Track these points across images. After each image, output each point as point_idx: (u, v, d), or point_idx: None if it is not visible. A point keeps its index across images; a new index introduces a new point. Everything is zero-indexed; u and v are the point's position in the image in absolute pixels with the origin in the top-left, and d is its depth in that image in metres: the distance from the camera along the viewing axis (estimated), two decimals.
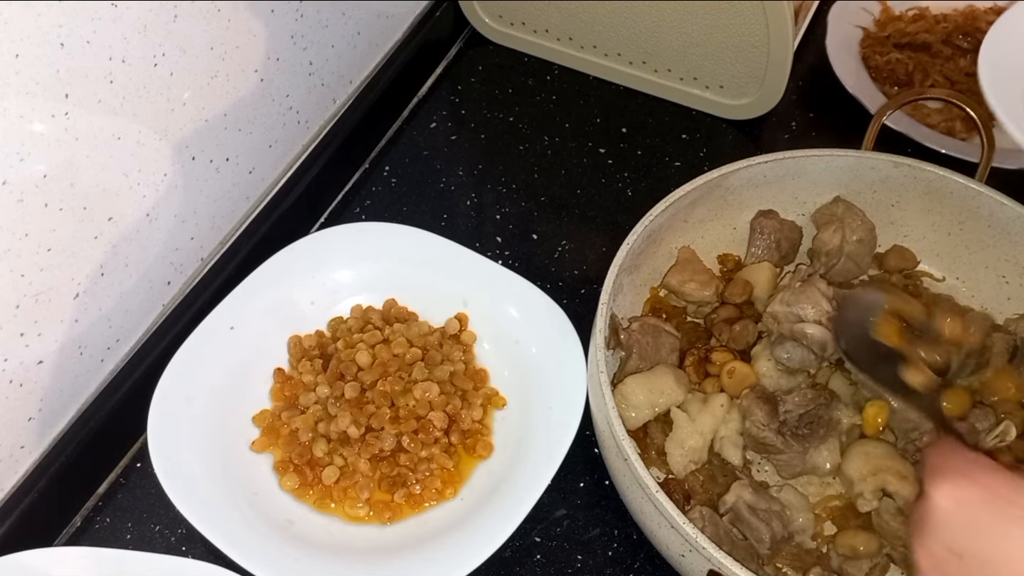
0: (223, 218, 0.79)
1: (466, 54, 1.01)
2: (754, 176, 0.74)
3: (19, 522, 0.65)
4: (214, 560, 0.62)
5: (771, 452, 0.66)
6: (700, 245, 0.77)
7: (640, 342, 0.69)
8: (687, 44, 0.88)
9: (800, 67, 0.92)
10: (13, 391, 0.64)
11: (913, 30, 0.98)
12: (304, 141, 0.87)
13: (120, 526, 0.69)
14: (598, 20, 0.91)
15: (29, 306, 0.62)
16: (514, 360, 0.73)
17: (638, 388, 0.67)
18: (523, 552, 0.67)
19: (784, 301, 0.69)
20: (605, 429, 0.62)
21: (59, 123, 0.59)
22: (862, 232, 0.75)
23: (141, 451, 0.72)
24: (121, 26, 0.61)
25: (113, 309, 0.70)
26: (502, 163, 0.91)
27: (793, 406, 0.66)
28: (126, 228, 0.68)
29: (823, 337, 0.68)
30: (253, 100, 0.77)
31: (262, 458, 0.69)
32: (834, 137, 0.92)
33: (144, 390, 0.67)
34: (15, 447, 0.66)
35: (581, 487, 0.70)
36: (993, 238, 0.74)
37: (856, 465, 0.64)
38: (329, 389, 0.71)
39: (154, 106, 0.66)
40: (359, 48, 0.89)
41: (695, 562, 0.57)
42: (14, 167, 0.56)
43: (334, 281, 0.77)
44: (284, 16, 0.76)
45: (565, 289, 0.80)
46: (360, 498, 0.67)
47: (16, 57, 0.54)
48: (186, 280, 0.77)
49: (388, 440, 0.68)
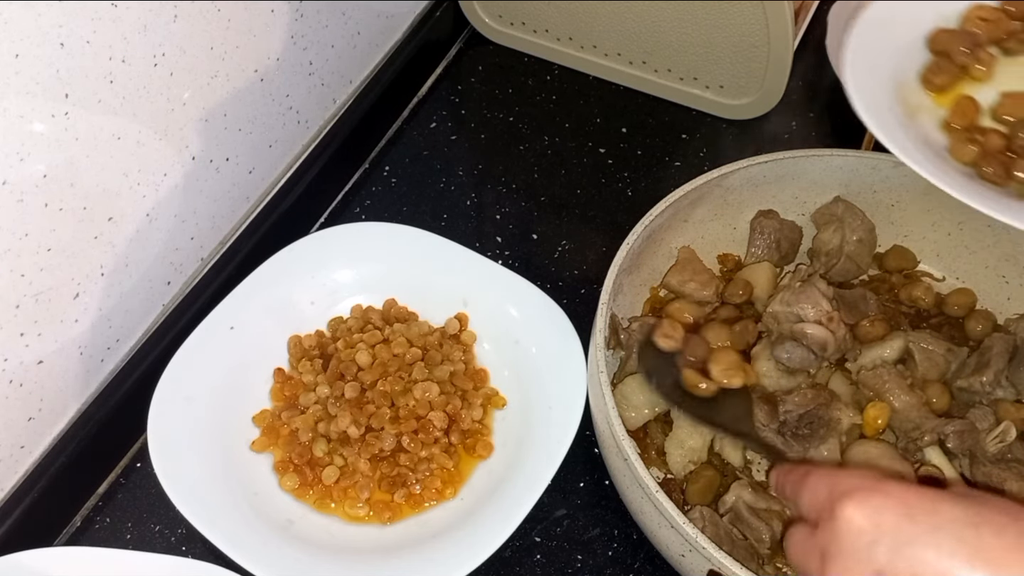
0: (223, 218, 0.79)
1: (466, 54, 1.01)
2: (754, 176, 0.74)
3: (19, 522, 0.65)
4: (214, 560, 0.62)
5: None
6: (700, 245, 0.77)
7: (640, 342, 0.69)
8: (687, 44, 0.88)
9: (800, 67, 0.92)
10: (13, 391, 0.64)
11: None
12: (304, 141, 0.87)
13: (120, 526, 0.69)
14: (598, 20, 0.91)
15: (29, 306, 0.62)
16: (514, 360, 0.73)
17: (638, 388, 0.67)
18: (523, 552, 0.67)
19: (784, 301, 0.69)
20: (605, 429, 0.62)
21: (59, 123, 0.59)
22: (862, 232, 0.75)
23: (141, 451, 0.72)
24: (121, 26, 0.61)
25: (113, 309, 0.70)
26: (502, 163, 0.91)
27: (793, 406, 0.66)
28: (126, 228, 0.68)
29: (823, 337, 0.68)
30: (253, 100, 0.77)
31: (262, 458, 0.69)
32: (834, 137, 0.93)
33: (144, 390, 0.67)
34: (15, 447, 0.66)
35: (581, 487, 0.70)
36: (993, 238, 0.74)
37: (856, 465, 0.64)
38: (329, 389, 0.71)
39: (154, 106, 0.66)
40: (359, 48, 0.89)
41: (695, 562, 0.57)
42: (14, 167, 0.56)
43: (334, 281, 0.77)
44: (284, 16, 0.76)
45: (565, 289, 0.80)
46: (360, 498, 0.67)
47: (16, 57, 0.54)
48: (186, 280, 0.77)
49: (388, 440, 0.68)
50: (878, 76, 0.57)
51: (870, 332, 0.70)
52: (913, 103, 0.57)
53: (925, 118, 0.57)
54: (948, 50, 0.59)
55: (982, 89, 0.56)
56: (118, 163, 0.65)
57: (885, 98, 0.56)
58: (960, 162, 0.55)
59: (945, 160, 0.54)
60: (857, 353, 0.71)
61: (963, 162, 0.56)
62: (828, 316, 0.68)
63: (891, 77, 0.57)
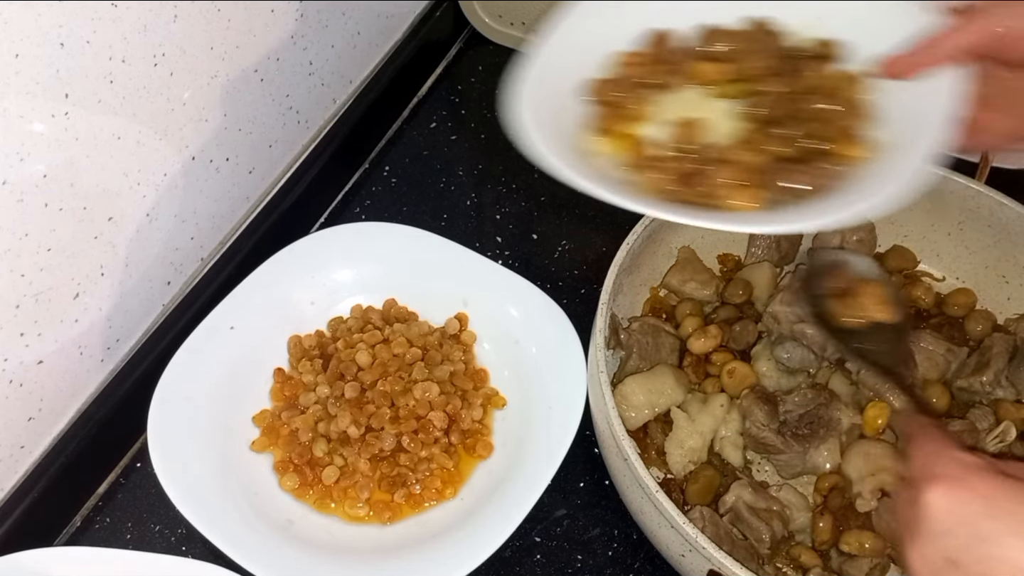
0: (223, 218, 0.79)
1: (466, 54, 1.01)
2: None
3: (19, 522, 0.65)
4: (214, 560, 0.62)
5: (771, 452, 0.66)
6: (700, 245, 0.77)
7: (640, 342, 0.69)
8: None
9: None
10: (13, 391, 0.64)
11: None
12: (304, 141, 0.87)
13: (120, 526, 0.69)
14: None
15: (29, 306, 0.62)
16: (514, 360, 0.73)
17: (638, 388, 0.67)
18: (523, 552, 0.67)
19: (784, 301, 0.69)
20: (605, 429, 0.62)
21: (59, 123, 0.59)
22: (862, 232, 0.75)
23: (141, 451, 0.72)
24: (121, 26, 0.60)
25: (113, 309, 0.70)
26: (502, 163, 0.91)
27: (793, 406, 0.66)
28: (126, 228, 0.68)
29: (823, 337, 0.68)
30: (253, 100, 0.77)
31: (262, 458, 0.69)
32: None
33: (144, 390, 0.67)
34: (15, 447, 0.66)
35: (581, 487, 0.70)
36: (993, 238, 0.74)
37: (856, 465, 0.64)
38: (329, 389, 0.71)
39: (154, 106, 0.66)
40: (359, 48, 0.89)
41: (695, 562, 0.57)
42: (14, 167, 0.56)
43: (334, 281, 0.77)
44: (284, 16, 0.76)
45: (565, 289, 0.80)
46: (360, 498, 0.67)
47: (16, 57, 0.54)
48: (186, 280, 0.77)
49: (388, 440, 0.68)
50: (552, 127, 0.60)
51: None
52: (587, 148, 0.61)
53: (600, 160, 0.60)
54: (607, 96, 0.63)
55: (646, 126, 0.61)
56: (118, 163, 0.65)
57: (563, 146, 0.59)
58: (645, 186, 0.59)
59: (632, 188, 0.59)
60: None
61: (648, 186, 0.59)
62: None
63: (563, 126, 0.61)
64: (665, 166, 0.59)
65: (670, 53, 0.64)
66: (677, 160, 0.59)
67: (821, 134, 0.59)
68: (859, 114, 0.60)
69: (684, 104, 0.62)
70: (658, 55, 0.64)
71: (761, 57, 0.62)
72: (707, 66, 0.62)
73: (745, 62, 0.62)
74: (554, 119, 0.61)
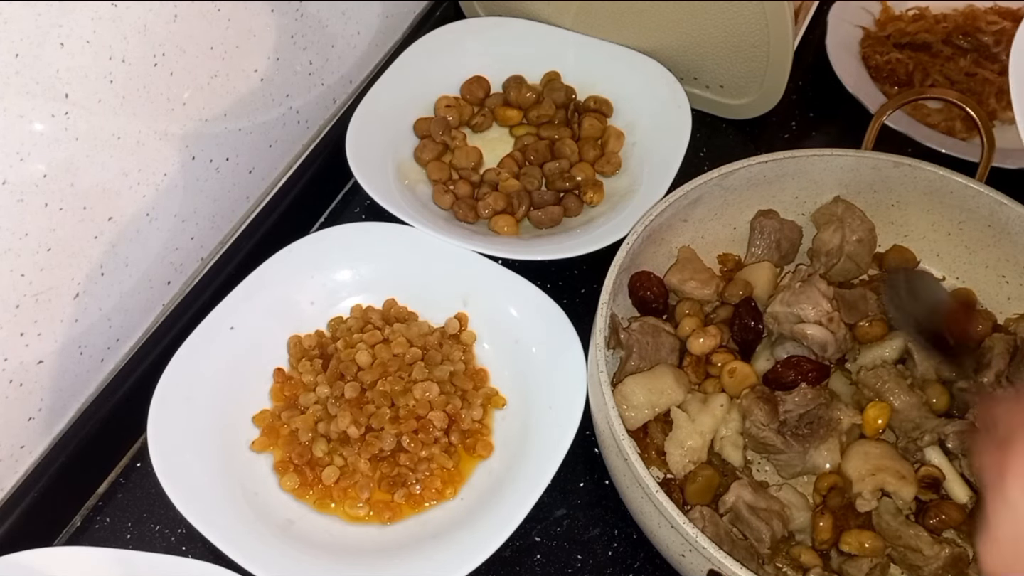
0: (223, 218, 0.79)
1: None
2: (754, 176, 0.74)
3: (19, 522, 0.65)
4: (214, 560, 0.62)
5: (771, 452, 0.66)
6: (700, 245, 0.77)
7: (640, 342, 0.69)
8: (687, 44, 0.88)
9: (800, 67, 0.92)
10: (13, 391, 0.64)
11: (913, 30, 0.98)
12: (304, 141, 0.87)
13: (120, 526, 0.69)
14: (598, 20, 0.91)
15: (29, 306, 0.62)
16: (514, 360, 0.73)
17: (638, 388, 0.67)
18: (523, 552, 0.67)
19: (784, 301, 0.69)
20: (605, 429, 0.62)
21: (59, 123, 0.59)
22: (862, 232, 0.75)
23: (141, 451, 0.72)
24: (121, 26, 0.61)
25: (113, 309, 0.70)
26: None
27: (793, 406, 0.66)
28: (126, 228, 0.68)
29: (823, 337, 0.68)
30: (253, 100, 0.77)
31: (262, 458, 0.69)
32: (834, 137, 0.92)
33: (144, 390, 0.67)
34: (15, 447, 0.66)
35: (581, 487, 0.70)
36: (993, 238, 0.74)
37: (856, 465, 0.64)
38: (329, 389, 0.71)
39: (154, 106, 0.66)
40: (359, 48, 0.89)
41: (695, 562, 0.57)
42: (14, 167, 0.56)
43: (334, 281, 0.77)
44: (284, 16, 0.76)
45: (565, 289, 0.80)
46: (360, 498, 0.67)
47: (16, 57, 0.54)
48: (186, 280, 0.77)
49: (388, 440, 0.68)
50: (380, 160, 0.80)
51: (870, 332, 0.70)
52: (413, 177, 0.82)
53: (422, 188, 0.82)
54: (429, 133, 0.84)
55: (461, 157, 0.83)
56: (118, 163, 0.65)
57: (389, 178, 0.79)
58: (442, 208, 0.80)
59: (435, 214, 0.79)
60: (857, 353, 0.71)
61: (444, 208, 0.80)
62: (828, 316, 0.68)
63: (390, 159, 0.82)
64: (459, 189, 0.80)
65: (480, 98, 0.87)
66: (468, 185, 0.81)
67: (572, 177, 0.81)
68: (611, 163, 0.83)
69: (482, 140, 0.86)
70: (468, 100, 0.87)
71: (548, 107, 0.86)
72: (507, 111, 0.87)
73: (533, 111, 0.86)
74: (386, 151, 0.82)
